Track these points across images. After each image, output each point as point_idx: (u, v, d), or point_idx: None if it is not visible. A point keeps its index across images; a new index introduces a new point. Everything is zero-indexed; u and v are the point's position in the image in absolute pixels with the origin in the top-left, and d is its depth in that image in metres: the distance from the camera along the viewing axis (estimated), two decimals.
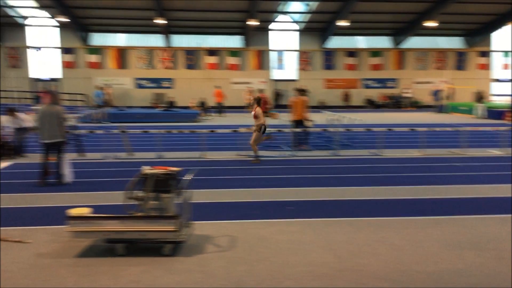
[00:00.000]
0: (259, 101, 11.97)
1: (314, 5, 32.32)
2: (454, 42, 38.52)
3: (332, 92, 37.18)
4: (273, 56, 36.74)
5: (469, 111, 28.62)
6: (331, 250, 5.38)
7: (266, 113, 21.60)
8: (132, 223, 5.18)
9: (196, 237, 5.76)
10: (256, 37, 35.31)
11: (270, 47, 36.53)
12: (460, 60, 38.07)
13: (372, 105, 37.25)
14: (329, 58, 37.06)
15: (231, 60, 35.84)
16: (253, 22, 31.12)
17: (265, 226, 6.29)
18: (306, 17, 34.57)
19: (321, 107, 32.82)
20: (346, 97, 37.17)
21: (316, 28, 35.75)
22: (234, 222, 6.49)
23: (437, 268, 4.85)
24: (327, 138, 15.58)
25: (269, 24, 35.38)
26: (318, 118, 18.59)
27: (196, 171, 6.33)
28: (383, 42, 37.82)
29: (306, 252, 5.31)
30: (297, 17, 35.57)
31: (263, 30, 35.23)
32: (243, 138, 13.03)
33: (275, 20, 35.31)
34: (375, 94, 37.77)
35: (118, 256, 5.17)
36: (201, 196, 7.63)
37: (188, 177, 5.63)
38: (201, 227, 6.09)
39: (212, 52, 35.52)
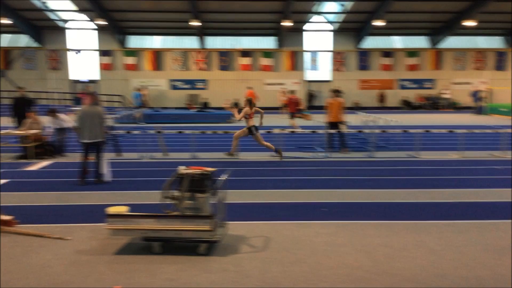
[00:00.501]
0: (250, 102, 12.15)
1: (349, 5, 31.98)
2: (493, 42, 37.31)
3: (367, 93, 36.68)
4: (306, 57, 36.56)
5: (509, 112, 27.67)
6: (367, 253, 5.31)
7: (298, 113, 21.57)
8: (168, 222, 5.26)
9: (230, 237, 5.80)
10: (290, 38, 35.23)
11: (304, 48, 36.37)
12: (500, 60, 36.84)
13: (408, 106, 36.52)
14: (364, 58, 36.57)
15: (265, 61, 35.88)
16: (287, 23, 31.06)
17: (299, 227, 6.27)
18: (341, 17, 34.24)
19: (355, 108, 32.43)
20: (382, 98, 36.59)
21: (351, 28, 35.37)
22: (268, 223, 6.49)
23: (476, 274, 4.71)
24: (362, 140, 15.38)
25: (303, 25, 35.24)
26: (352, 119, 18.39)
27: (231, 172, 6.37)
28: (420, 42, 37.03)
29: (341, 255, 5.26)
30: (331, 17, 35.28)
31: (297, 30, 35.12)
32: (276, 139, 13.01)
33: (309, 20, 35.13)
34: (412, 95, 37.01)
35: (155, 254, 5.25)
36: (235, 196, 7.67)
37: (223, 177, 5.67)
38: (235, 227, 6.12)
39: (245, 53, 35.66)
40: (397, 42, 37.10)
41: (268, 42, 36.28)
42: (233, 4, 30.46)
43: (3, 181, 9.17)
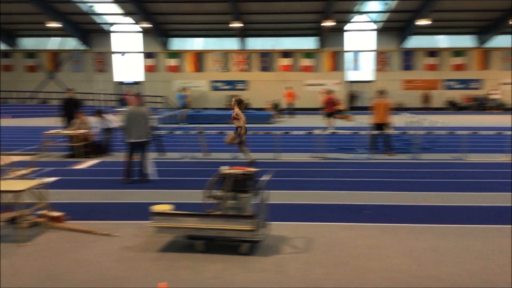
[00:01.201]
0: (239, 103, 11.63)
1: (393, 4, 31.37)
2: None
3: (410, 93, 35.83)
4: (348, 57, 36.13)
5: None
6: (412, 257, 5.19)
7: (336, 114, 21.29)
8: (211, 221, 5.32)
9: (272, 237, 5.80)
10: (331, 38, 34.91)
11: (346, 48, 35.95)
12: None
13: (454, 107, 35.42)
14: (408, 58, 35.76)
15: (305, 62, 35.72)
16: (328, 23, 30.80)
17: (342, 229, 6.20)
18: (384, 17, 33.63)
19: (399, 109, 31.73)
20: (426, 98, 35.65)
21: (394, 28, 34.67)
22: (310, 224, 6.45)
23: None
24: (405, 141, 15.05)
25: (345, 25, 34.84)
26: (396, 120, 18.01)
27: (273, 172, 6.38)
28: (466, 41, 35.84)
29: (385, 258, 5.16)
30: (374, 16, 34.72)
31: (339, 30, 34.76)
32: (317, 140, 12.92)
33: (351, 20, 34.70)
34: (458, 95, 35.87)
35: (198, 252, 5.32)
36: (276, 197, 7.66)
37: (265, 177, 5.68)
38: (277, 228, 6.12)
39: (286, 54, 35.62)
40: (442, 41, 36.07)
41: (308, 43, 36.09)
42: (274, 5, 30.49)
43: (53, 179, 9.53)
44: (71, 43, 36.40)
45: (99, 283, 4.53)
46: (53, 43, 36.86)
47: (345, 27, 35.23)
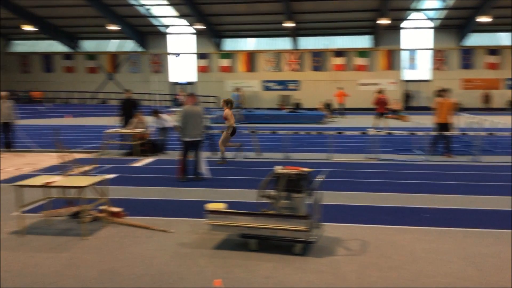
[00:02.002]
0: (228, 103, 11.81)
1: (451, 1, 30.22)
2: None
3: (470, 93, 34.38)
4: (404, 55, 35.17)
5: None
6: (473, 262, 4.97)
7: (387, 114, 20.73)
8: (264, 221, 5.33)
9: (326, 238, 5.74)
10: (386, 36, 34.12)
11: (402, 46, 35.02)
12: None
13: None
14: (467, 56, 34.34)
15: (359, 61, 35.12)
16: (383, 21, 30.12)
17: (398, 232, 6.03)
18: (442, 14, 32.48)
19: (458, 109, 30.54)
20: (486, 98, 34.09)
21: (453, 25, 33.41)
22: (365, 226, 6.33)
23: None
24: (465, 143, 14.46)
25: (401, 23, 33.96)
26: (455, 121, 17.33)
27: (327, 173, 6.31)
28: None
29: (444, 263, 4.98)
30: (432, 14, 33.59)
31: (394, 28, 33.91)
32: (372, 140, 12.66)
33: (408, 18, 33.75)
34: None
35: (251, 251, 5.36)
36: (330, 197, 7.58)
37: (319, 178, 5.63)
38: (331, 229, 6.05)
39: (339, 53, 35.18)
40: (504, 39, 34.33)
41: (363, 41, 35.46)
42: (327, 4, 30.19)
43: (112, 175, 9.90)
44: (129, 45, 37.72)
45: (156, 277, 4.66)
46: (112, 45, 38.35)
47: (401, 25, 34.31)
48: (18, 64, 38.94)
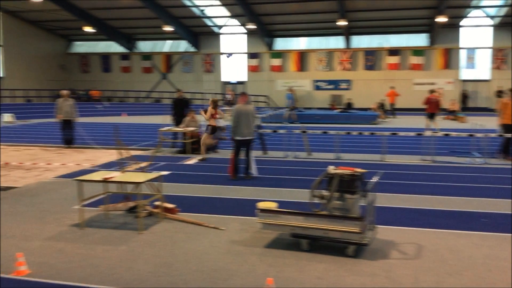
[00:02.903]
0: (214, 103, 12.65)
1: None
2: None
3: None
4: (462, 54, 33.82)
5: None
6: None
7: (440, 115, 19.93)
8: (316, 221, 5.29)
9: (379, 241, 5.62)
10: (443, 34, 32.93)
11: (460, 45, 33.68)
12: None
13: None
14: None
15: (414, 60, 34.11)
16: (441, 19, 29.09)
17: (455, 237, 5.81)
18: (502, 11, 30.94)
19: None
20: None
21: None
22: (420, 230, 6.13)
23: None
24: None
25: (459, 20, 32.68)
26: None
27: (381, 174, 6.17)
28: None
29: (505, 270, 4.74)
30: (492, 11, 32.08)
31: (452, 26, 32.68)
32: (427, 142, 12.27)
33: (467, 15, 32.41)
34: None
35: (302, 251, 5.32)
36: (384, 199, 7.41)
37: (373, 179, 5.51)
38: (385, 232, 5.91)
39: (393, 51, 34.32)
40: None
41: (418, 40, 34.42)
42: (382, 2, 29.53)
43: (165, 172, 10.15)
44: (182, 46, 38.54)
45: (209, 274, 4.73)
46: (167, 46, 39.32)
47: (460, 23, 33.01)
48: (78, 64, 40.72)
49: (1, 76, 34.16)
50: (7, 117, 25.26)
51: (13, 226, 6.37)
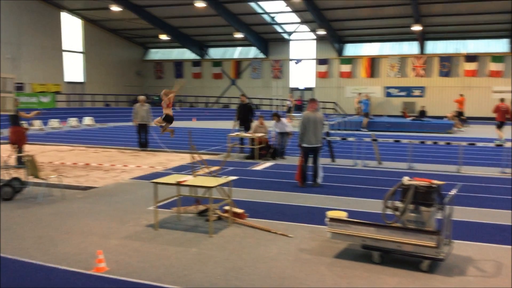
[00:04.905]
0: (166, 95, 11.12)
1: None
2: None
3: None
4: None
5: None
6: None
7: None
8: (389, 233, 5.14)
9: (455, 257, 5.35)
10: None
11: None
12: None
13: None
14: None
15: (493, 67, 32.21)
16: None
17: None
18: None
19: None
20: None
21: None
22: (500, 246, 5.78)
23: None
24: None
25: None
26: None
27: (459, 187, 5.87)
28: None
29: None
30: None
31: None
32: (507, 153, 11.53)
33: None
34: None
35: (373, 263, 5.19)
36: (460, 213, 7.05)
37: (451, 192, 5.27)
38: (461, 247, 5.63)
39: (471, 57, 32.62)
40: None
41: (498, 45, 32.47)
42: (459, 6, 28.22)
43: (234, 177, 10.31)
44: (251, 52, 39.07)
45: (278, 280, 4.74)
46: (237, 52, 40.05)
47: None
48: (153, 70, 42.51)
49: (83, 81, 36.40)
50: (88, 120, 26.87)
51: (94, 224, 6.75)
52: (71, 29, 34.94)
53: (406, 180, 5.29)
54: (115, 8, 30.21)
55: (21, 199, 8.33)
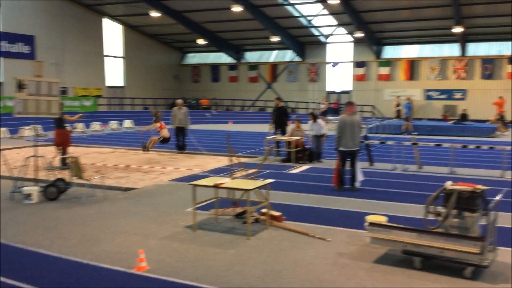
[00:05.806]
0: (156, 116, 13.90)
1: None
2: None
3: None
4: None
5: None
6: None
7: None
8: (431, 239, 5.02)
9: (500, 264, 5.18)
10: None
11: None
12: None
13: None
14: None
15: None
16: None
17: None
18: None
19: None
20: None
21: None
22: None
23: None
24: None
25: None
26: None
27: (504, 192, 5.68)
28: None
29: None
30: None
31: None
32: None
33: None
34: None
35: (414, 269, 5.08)
36: (504, 219, 6.81)
37: (496, 197, 5.10)
38: (506, 254, 5.44)
39: None
40: None
41: None
42: (502, 7, 27.30)
43: (270, 180, 10.32)
44: (287, 55, 39.05)
45: (316, 284, 4.71)
46: (273, 56, 40.13)
47: None
48: (190, 74, 43.13)
49: (123, 85, 37.33)
50: (128, 123, 27.53)
51: (135, 224, 6.91)
52: (112, 34, 35.96)
53: (449, 184, 5.16)
54: (154, 13, 30.85)
55: (65, 199, 8.62)
